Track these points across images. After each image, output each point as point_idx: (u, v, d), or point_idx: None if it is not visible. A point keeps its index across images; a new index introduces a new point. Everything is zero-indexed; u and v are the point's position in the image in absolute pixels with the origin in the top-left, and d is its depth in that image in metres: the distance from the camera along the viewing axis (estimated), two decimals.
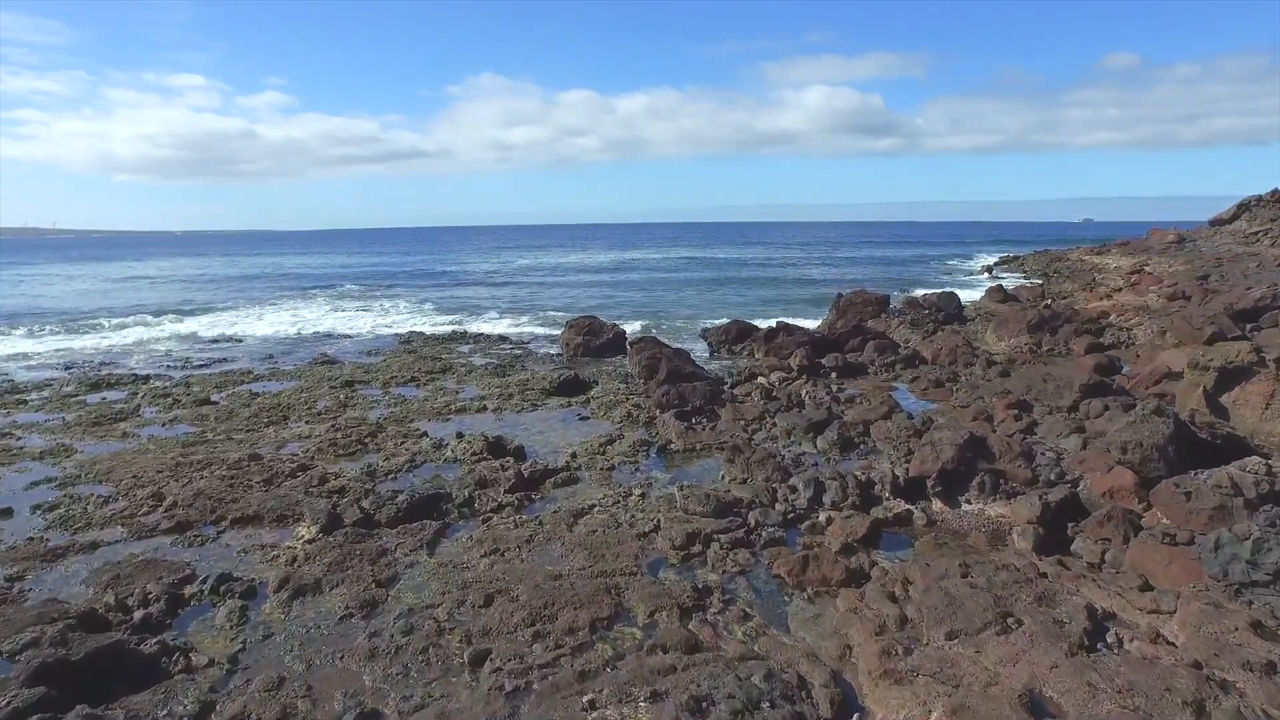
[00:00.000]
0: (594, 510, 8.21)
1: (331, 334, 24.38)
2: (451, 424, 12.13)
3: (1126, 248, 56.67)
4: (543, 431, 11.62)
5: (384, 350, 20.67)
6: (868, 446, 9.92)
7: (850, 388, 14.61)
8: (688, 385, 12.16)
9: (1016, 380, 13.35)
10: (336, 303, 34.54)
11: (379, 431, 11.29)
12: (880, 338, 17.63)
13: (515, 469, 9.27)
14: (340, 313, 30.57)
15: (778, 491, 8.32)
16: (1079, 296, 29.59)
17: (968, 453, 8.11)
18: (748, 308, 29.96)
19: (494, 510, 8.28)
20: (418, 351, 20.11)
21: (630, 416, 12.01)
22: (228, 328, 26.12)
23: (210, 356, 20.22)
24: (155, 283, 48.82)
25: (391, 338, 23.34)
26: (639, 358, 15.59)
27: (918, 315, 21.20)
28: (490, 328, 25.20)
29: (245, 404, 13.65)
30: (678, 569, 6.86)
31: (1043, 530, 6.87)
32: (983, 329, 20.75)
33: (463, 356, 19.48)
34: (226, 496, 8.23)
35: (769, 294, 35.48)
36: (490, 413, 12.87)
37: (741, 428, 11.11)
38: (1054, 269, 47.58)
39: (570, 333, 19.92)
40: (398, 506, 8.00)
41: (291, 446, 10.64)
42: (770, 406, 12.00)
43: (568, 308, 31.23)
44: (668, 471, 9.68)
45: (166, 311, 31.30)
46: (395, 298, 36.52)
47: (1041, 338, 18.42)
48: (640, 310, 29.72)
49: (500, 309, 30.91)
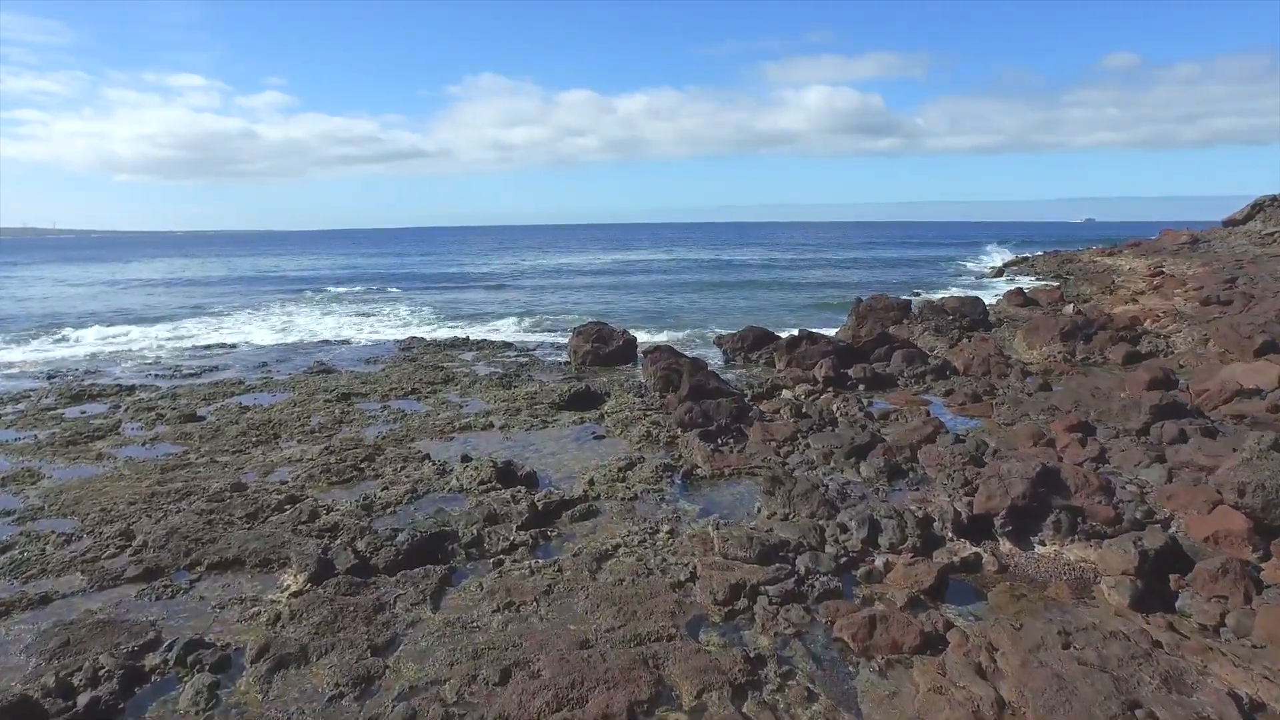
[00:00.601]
0: (619, 552, 7.27)
1: (329, 340, 23.43)
2: (455, 444, 11.20)
3: (1139, 249, 55.78)
4: (555, 453, 10.68)
5: (383, 358, 19.74)
6: (917, 474, 8.97)
7: (880, 400, 13.68)
8: (711, 402, 11.21)
9: (1063, 395, 12.42)
10: (334, 306, 33.61)
11: (377, 454, 10.34)
12: (907, 346, 16.70)
13: (528, 500, 8.33)
14: (338, 317, 29.64)
15: (826, 529, 7.38)
16: (1100, 299, 28.67)
17: (1040, 487, 7.17)
18: (759, 312, 29.05)
19: (506, 551, 7.35)
20: (418, 360, 19.17)
21: (649, 436, 11.07)
22: (221, 333, 25.18)
23: (201, 364, 19.28)
24: (149, 285, 47.79)
25: (391, 344, 22.41)
26: (654, 368, 14.65)
27: (941, 321, 20.26)
28: (493, 334, 24.27)
29: (233, 420, 12.71)
30: (722, 629, 5.92)
31: (1141, 583, 5.94)
32: (1010, 335, 19.82)
33: (466, 365, 18.54)
34: (204, 535, 7.29)
35: (778, 298, 34.57)
36: (497, 430, 11.93)
37: (773, 450, 10.17)
38: (1067, 270, 46.70)
39: (578, 340, 18.99)
40: (397, 548, 7.07)
41: (280, 472, 9.69)
42: (801, 425, 11.06)
43: (572, 312, 30.32)
44: (696, 502, 8.74)
45: (159, 316, 30.36)
46: (395, 301, 35.59)
47: (1075, 346, 17.49)
48: (648, 315, 28.79)
49: (503, 313, 29.99)
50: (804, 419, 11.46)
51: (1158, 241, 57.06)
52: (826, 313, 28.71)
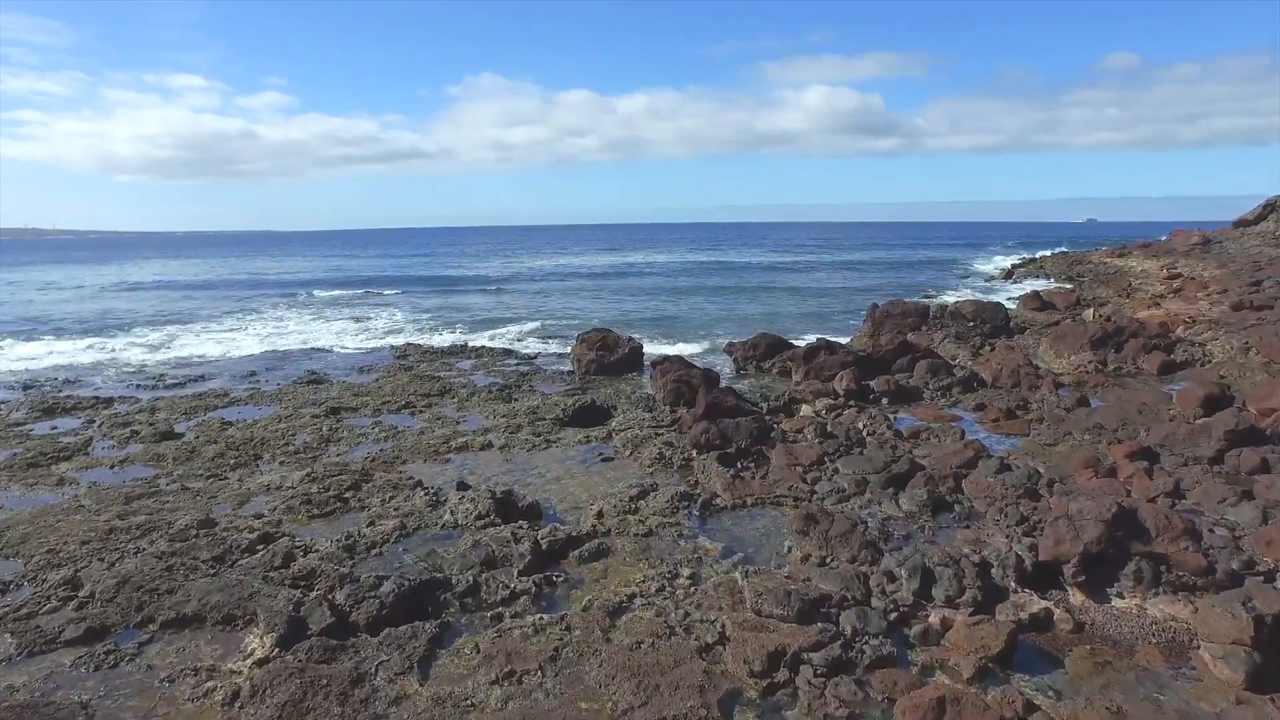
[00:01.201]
0: (635, 603, 6.37)
1: (321, 347, 22.52)
2: (451, 466, 10.29)
3: (1149, 250, 54.92)
4: (559, 478, 9.77)
5: (377, 366, 18.84)
6: (963, 508, 8.06)
7: (906, 416, 12.78)
8: (730, 422, 10.31)
9: (1106, 412, 11.52)
10: (329, 310, 32.71)
11: (364, 480, 9.42)
12: (930, 356, 15.80)
13: (530, 538, 7.42)
14: (333, 322, 28.72)
15: (870, 578, 6.48)
16: (1119, 303, 27.78)
17: (1116, 530, 6.27)
18: (766, 317, 28.15)
19: (506, 601, 6.44)
20: (414, 369, 18.26)
21: (662, 458, 10.16)
22: (211, 340, 24.26)
23: (187, 374, 18.38)
24: (140, 289, 46.67)
25: (386, 351, 21.51)
26: (664, 381, 13.76)
27: (962, 328, 19.35)
28: (493, 340, 23.36)
29: (213, 438, 11.80)
30: (760, 708, 5.02)
31: (1259, 657, 5.04)
32: (1034, 343, 18.92)
33: (463, 374, 17.64)
34: (161, 585, 6.38)
35: (784, 301, 33.64)
36: (496, 451, 11.01)
37: (799, 475, 9.26)
38: (1077, 272, 45.84)
39: (581, 348, 18.09)
40: (381, 600, 6.16)
41: (256, 502, 8.78)
42: (827, 446, 10.15)
43: (575, 317, 29.42)
44: (717, 537, 7.84)
45: (147, 321, 29.42)
46: (392, 305, 34.68)
47: (1106, 354, 16.59)
48: (653, 321, 27.85)
49: (503, 319, 29.06)
50: (829, 439, 10.55)
51: (1168, 242, 56.18)
52: (836, 318, 27.82)
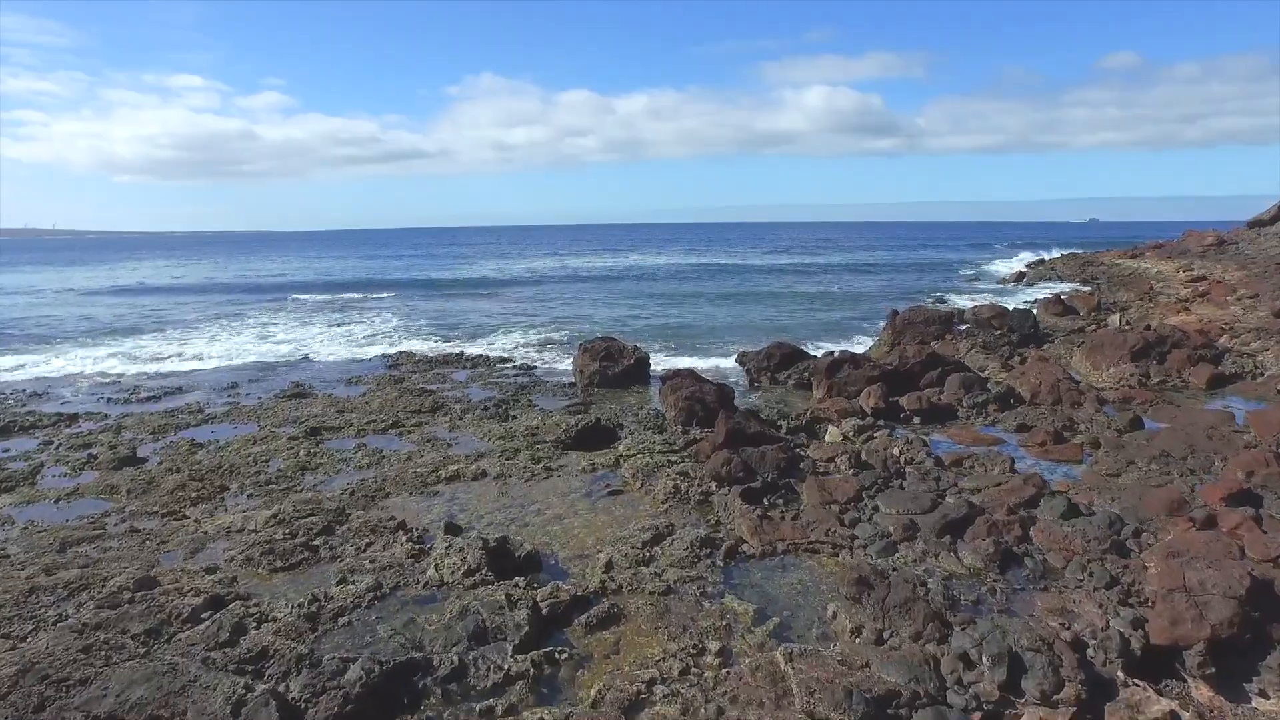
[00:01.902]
0: (655, 692, 5.21)
1: (310, 356, 21.35)
2: (439, 501, 9.13)
3: (1162, 251, 53.79)
4: (561, 516, 8.61)
5: (367, 378, 17.68)
6: (1035, 562, 6.88)
7: (942, 438, 11.63)
8: (754, 451, 9.14)
9: (1168, 437, 10.36)
10: (321, 315, 31.53)
11: (338, 521, 8.25)
12: (960, 369, 14.64)
13: (529, 601, 6.26)
14: (324, 328, 27.55)
15: (942, 662, 5.31)
16: (1142, 307, 26.62)
17: (1253, 609, 5.11)
18: (774, 323, 26.99)
19: (497, 689, 5.28)
20: (406, 380, 17.10)
21: (677, 492, 8.98)
22: (195, 348, 23.09)
23: (164, 385, 17.23)
24: (127, 293, 44.94)
25: (379, 359, 20.35)
26: (675, 398, 12.60)
27: (988, 336, 18.20)
28: (490, 348, 22.19)
29: (177, 465, 10.64)
30: None
31: None
32: (1066, 353, 17.76)
33: (458, 387, 16.48)
34: (74, 673, 5.21)
35: (794, 306, 32.42)
36: (491, 481, 9.85)
37: (835, 515, 8.10)
38: (1090, 274, 44.71)
39: (585, 358, 16.93)
40: (345, 693, 5.01)
41: (212, 550, 7.61)
42: (864, 478, 8.98)
43: (575, 321, 28.24)
44: (747, 595, 6.67)
45: (128, 328, 28.20)
46: (387, 310, 33.49)
47: (1148, 366, 15.43)
48: (658, 328, 26.63)
49: (502, 325, 27.86)
50: (865, 469, 9.39)
51: (1181, 243, 54.99)
52: (848, 323, 26.63)
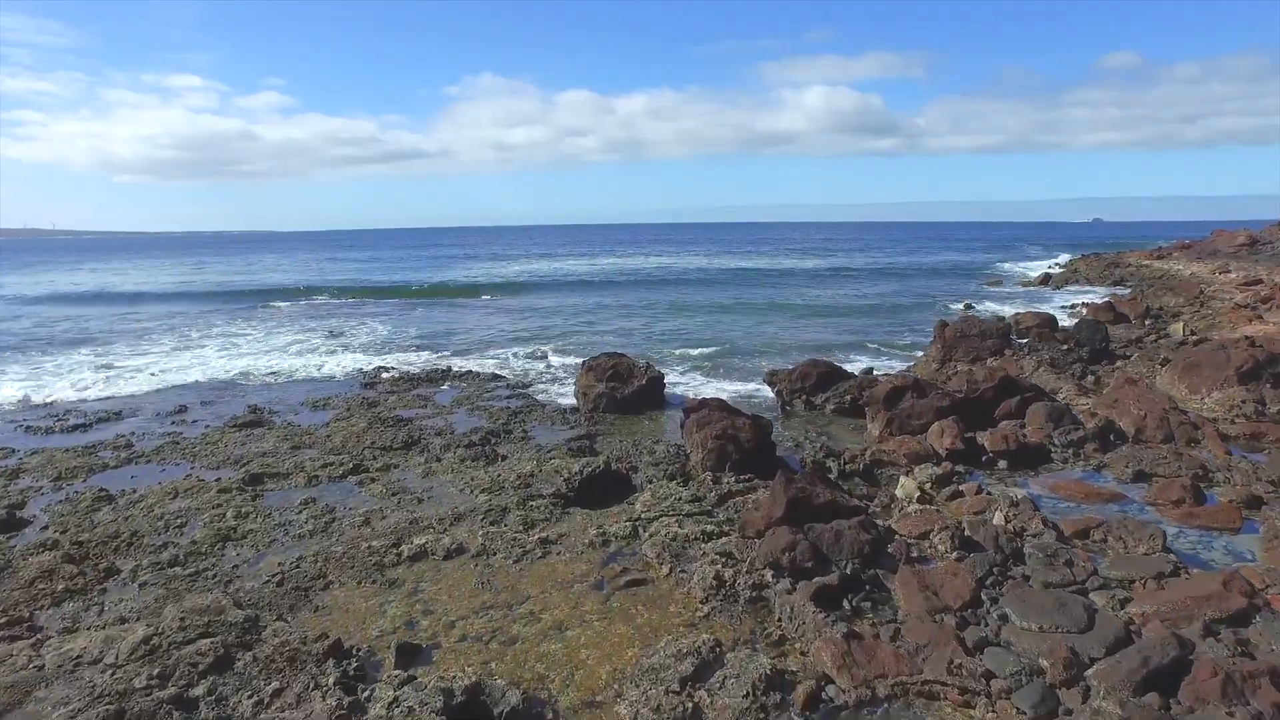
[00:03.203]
0: None
1: (279, 371, 18.94)
2: (396, 596, 6.69)
3: (1190, 251, 51.70)
4: (563, 625, 6.16)
5: (338, 400, 15.27)
6: None
7: (1037, 487, 9.20)
8: (824, 529, 6.68)
9: None
10: (301, 322, 29.11)
11: (244, 642, 5.79)
12: (1039, 395, 12.22)
13: None
14: (302, 336, 25.12)
15: None
16: (1197, 315, 24.19)
17: None
18: (797, 334, 24.52)
19: None
20: (381, 404, 14.68)
21: (721, 585, 6.53)
22: (152, 360, 20.67)
23: (104, 409, 14.83)
24: (86, 300, 40.53)
25: (355, 376, 17.94)
26: (702, 436, 10.18)
27: (1054, 352, 15.74)
28: (482, 362, 19.76)
29: (63, 528, 8.22)
30: None
31: None
32: (1149, 371, 15.31)
33: (441, 412, 14.06)
34: None
35: (815, 316, 29.88)
36: (469, 560, 7.42)
37: (951, 631, 5.65)
38: (1119, 276, 42.55)
39: (589, 379, 14.52)
40: None
41: (39, 703, 5.17)
42: (974, 564, 6.55)
43: (577, 332, 25.77)
44: None
45: (81, 338, 25.56)
46: (374, 316, 31.07)
47: (1261, 390, 12.99)
48: (670, 338, 24.14)
49: (495, 334, 25.40)
50: (972, 548, 6.96)
51: (1211, 243, 52.82)
52: (872, 331, 24.18)
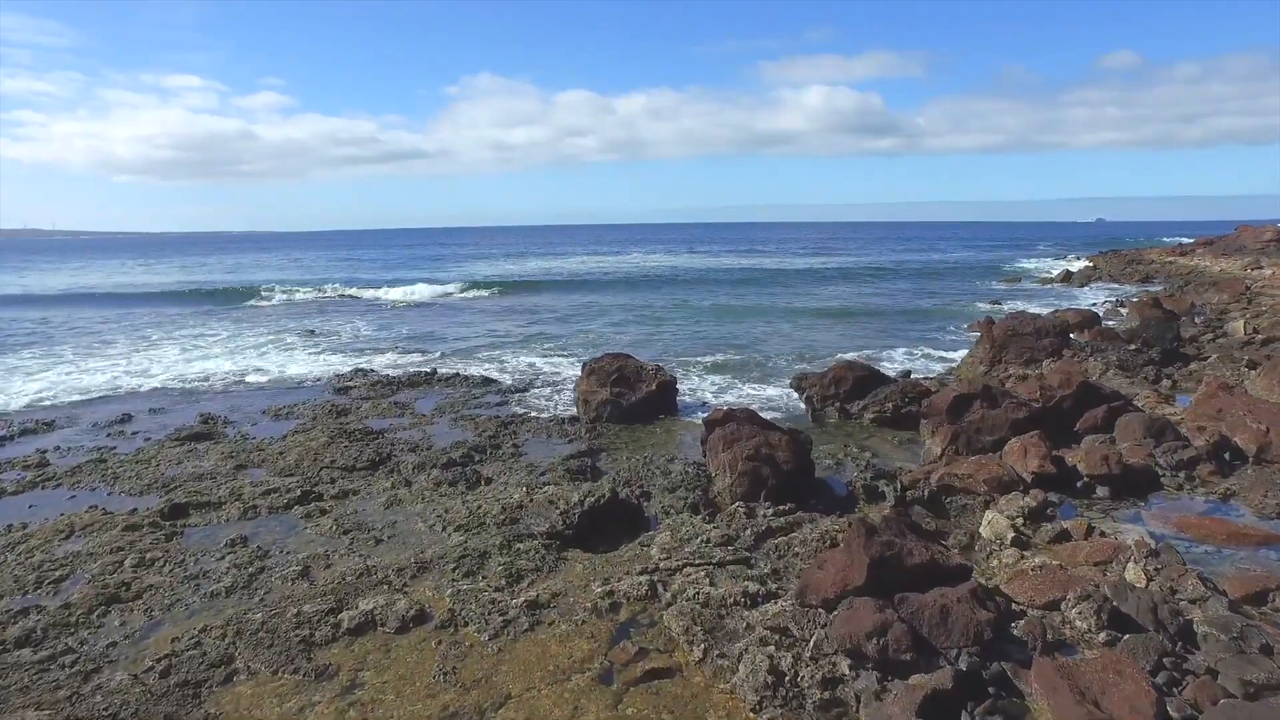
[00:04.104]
0: None
1: (245, 371, 17.03)
2: (324, 696, 4.76)
3: (1214, 247, 50.13)
4: None
5: (303, 407, 13.36)
6: None
7: (1159, 524, 7.27)
8: (923, 602, 4.73)
9: None
10: (282, 323, 27.18)
11: None
12: (1127, 405, 10.28)
13: None
14: (279, 335, 23.20)
15: None
16: (1246, 310, 22.24)
17: None
18: (819, 334, 22.55)
19: None
20: (350, 413, 12.76)
21: (777, 678, 4.61)
22: (108, 363, 18.76)
23: (36, 418, 12.93)
24: (67, 298, 38.03)
25: (328, 381, 16.00)
26: (731, 456, 8.25)
27: (1121, 353, 13.80)
28: (470, 363, 17.84)
29: None
30: None
31: None
32: (1233, 374, 13.36)
33: (419, 423, 12.14)
34: None
35: (835, 318, 27.81)
36: (430, 633, 5.49)
37: None
38: (1144, 273, 40.91)
39: (590, 383, 12.61)
40: None
41: None
42: (1137, 652, 4.63)
43: (579, 332, 23.79)
44: None
45: (27, 340, 23.60)
46: (361, 314, 29.18)
47: None
48: (680, 338, 22.19)
49: (490, 335, 23.41)
50: (1118, 620, 5.04)
51: (1236, 239, 51.17)
52: (900, 331, 22.24)
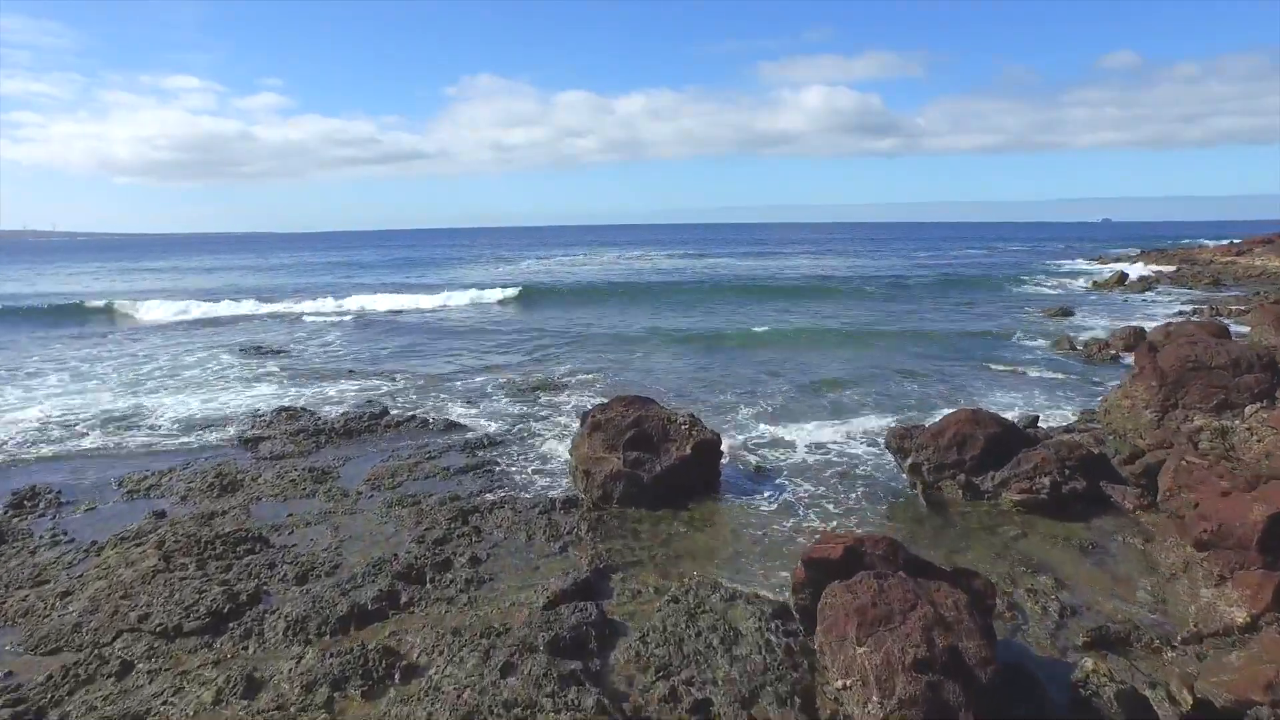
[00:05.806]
0: None
1: (132, 413, 12.84)
2: None
3: (1273, 246, 48.03)
4: None
5: (178, 473, 9.25)
6: None
7: None
8: None
9: None
10: (218, 336, 22.94)
11: None
12: None
13: None
14: (217, 354, 19.04)
15: None
16: None
17: None
18: (877, 360, 18.06)
19: None
20: (240, 489, 8.65)
21: None
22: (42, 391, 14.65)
23: None
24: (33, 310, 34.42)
25: (242, 423, 11.86)
26: (877, 658, 4.10)
27: None
28: (439, 400, 13.67)
29: None
30: None
31: None
32: None
33: (330, 513, 8.00)
34: None
35: (878, 334, 23.05)
36: None
37: None
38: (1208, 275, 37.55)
39: (594, 444, 8.50)
40: None
41: None
42: None
43: (580, 355, 18.81)
44: None
45: None
46: (330, 328, 24.95)
47: None
48: (713, 370, 16.67)
49: (470, 358, 18.65)
50: None
51: None
52: (973, 351, 17.89)
